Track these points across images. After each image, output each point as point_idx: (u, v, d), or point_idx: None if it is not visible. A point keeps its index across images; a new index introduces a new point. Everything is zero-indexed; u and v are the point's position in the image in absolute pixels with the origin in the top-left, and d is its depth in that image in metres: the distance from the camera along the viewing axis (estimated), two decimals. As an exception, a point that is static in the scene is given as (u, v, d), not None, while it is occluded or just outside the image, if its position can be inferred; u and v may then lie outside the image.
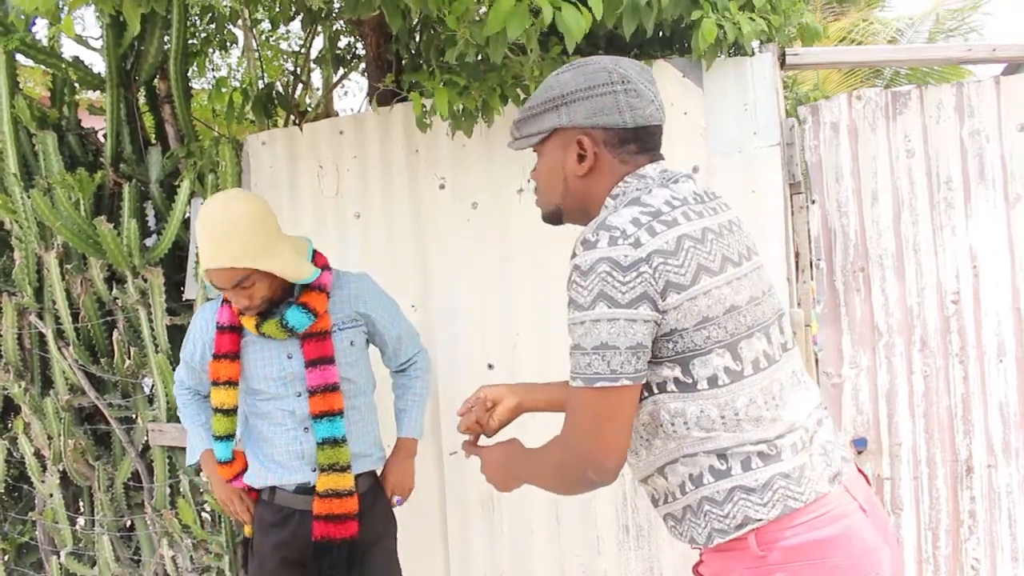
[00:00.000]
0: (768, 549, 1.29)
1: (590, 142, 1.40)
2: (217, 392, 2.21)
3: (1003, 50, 2.50)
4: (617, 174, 1.40)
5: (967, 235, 2.36)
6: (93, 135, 3.34)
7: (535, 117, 1.46)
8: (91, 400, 3.22)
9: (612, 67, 1.39)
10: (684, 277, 1.27)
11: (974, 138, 2.35)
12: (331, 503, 2.15)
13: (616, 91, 1.37)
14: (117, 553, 3.32)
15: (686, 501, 1.36)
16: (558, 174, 1.46)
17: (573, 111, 1.40)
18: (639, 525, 2.64)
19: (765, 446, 1.31)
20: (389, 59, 2.97)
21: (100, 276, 3.11)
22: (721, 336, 1.30)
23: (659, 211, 1.30)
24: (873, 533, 1.34)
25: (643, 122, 1.39)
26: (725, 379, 1.30)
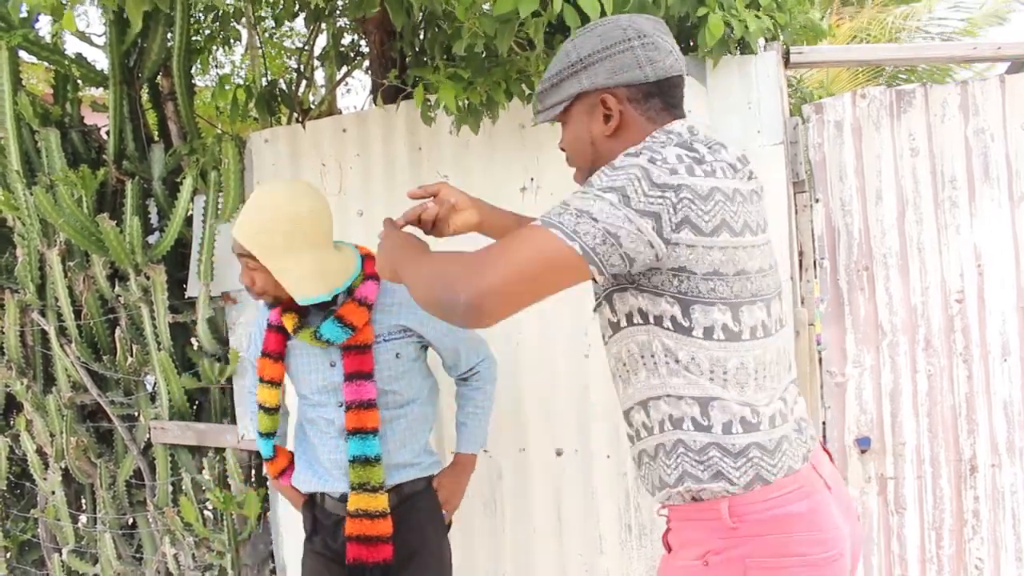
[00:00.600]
0: (740, 521, 1.31)
1: (615, 101, 1.39)
2: (262, 389, 2.20)
3: (1008, 48, 2.50)
4: (645, 132, 1.40)
5: (971, 234, 2.35)
6: (96, 132, 3.34)
7: (557, 86, 1.45)
8: (93, 397, 3.22)
9: (626, 24, 1.39)
10: (707, 224, 1.26)
11: (979, 136, 2.34)
12: (362, 524, 2.07)
13: (634, 46, 1.37)
14: (119, 551, 3.32)
15: (661, 439, 1.36)
16: (586, 138, 1.45)
17: (594, 73, 1.39)
18: (642, 524, 2.63)
19: (748, 411, 1.32)
20: (393, 56, 2.97)
21: (102, 273, 3.11)
22: (726, 294, 1.30)
23: (703, 157, 1.30)
24: (837, 510, 1.38)
25: (664, 74, 1.39)
26: (721, 335, 1.30)
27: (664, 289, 1.29)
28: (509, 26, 2.17)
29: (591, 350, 2.63)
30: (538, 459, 2.73)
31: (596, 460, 2.66)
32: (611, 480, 2.66)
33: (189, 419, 3.15)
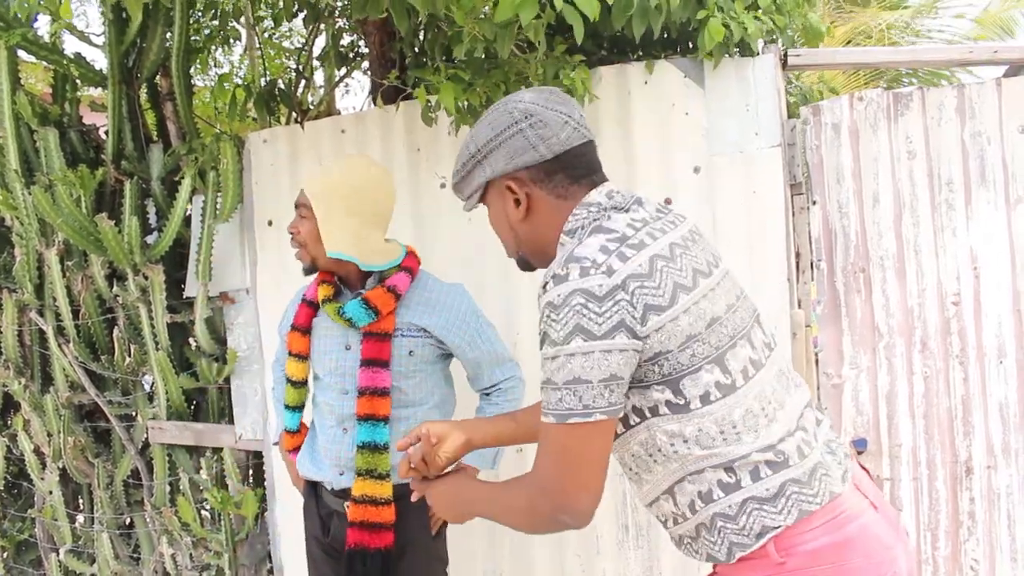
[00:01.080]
0: (788, 555, 1.27)
1: (518, 185, 1.39)
2: (290, 363, 2.26)
3: (1005, 52, 2.51)
4: (559, 209, 1.39)
5: (968, 237, 2.36)
6: (94, 132, 3.34)
7: (466, 178, 1.47)
8: (91, 397, 3.23)
9: (513, 106, 1.39)
10: (663, 298, 1.24)
11: (975, 140, 2.35)
12: (367, 510, 2.10)
13: (522, 128, 1.37)
14: (116, 551, 3.32)
15: (698, 520, 1.33)
16: (504, 224, 1.47)
17: (492, 161, 1.40)
18: (639, 524, 2.64)
19: (771, 453, 1.29)
20: (393, 57, 2.97)
21: (101, 273, 3.11)
22: (707, 351, 1.28)
23: (624, 235, 1.29)
24: (887, 529, 1.34)
25: (561, 148, 1.37)
26: (717, 394, 1.28)
27: (650, 380, 1.28)
28: (509, 30, 2.18)
29: (589, 351, 2.64)
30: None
31: (593, 461, 2.67)
32: (609, 479, 2.65)
33: (187, 419, 3.15)
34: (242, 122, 3.55)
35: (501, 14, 2.04)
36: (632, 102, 2.57)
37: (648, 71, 2.53)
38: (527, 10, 2.01)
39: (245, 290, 3.11)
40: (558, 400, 1.25)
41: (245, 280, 3.11)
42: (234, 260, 3.12)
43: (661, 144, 2.54)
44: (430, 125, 2.62)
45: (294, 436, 2.35)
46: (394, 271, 2.14)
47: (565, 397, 1.24)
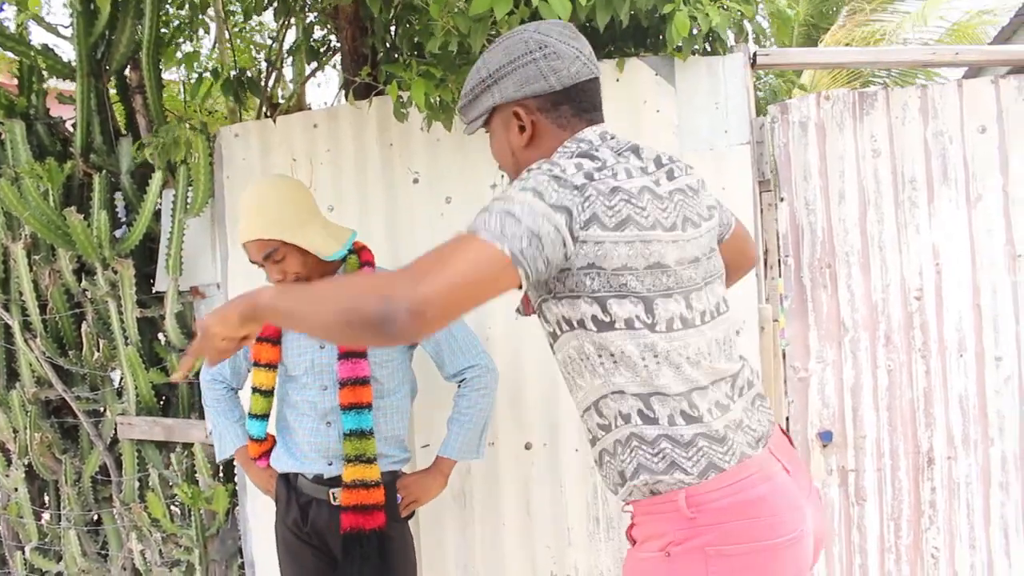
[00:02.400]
0: (698, 511, 1.33)
1: (525, 112, 1.44)
2: (258, 373, 2.29)
3: (965, 54, 2.57)
4: (558, 138, 1.44)
5: (930, 234, 2.42)
6: (61, 124, 3.30)
7: (473, 101, 1.51)
8: (58, 393, 3.19)
9: (529, 36, 1.43)
10: (611, 219, 1.29)
11: (937, 139, 2.41)
12: (359, 494, 2.17)
13: (536, 58, 1.41)
14: (84, 548, 3.29)
15: (616, 435, 1.39)
16: (507, 149, 1.51)
17: (503, 87, 1.44)
18: (609, 517, 2.67)
19: (686, 404, 1.35)
20: (365, 52, 2.97)
21: (69, 267, 3.08)
22: (637, 287, 1.32)
23: (604, 164, 1.34)
24: (796, 491, 1.41)
25: (570, 81, 1.42)
26: (638, 324, 1.33)
27: (579, 291, 1.32)
28: (483, 24, 2.19)
29: (561, 345, 2.67)
30: (507, 452, 2.76)
31: (564, 453, 2.70)
32: (579, 473, 2.69)
33: (156, 414, 3.13)
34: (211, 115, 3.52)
35: (476, 7, 2.05)
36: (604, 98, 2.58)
37: (620, 69, 2.56)
38: (502, 5, 2.03)
39: (216, 285, 3.09)
40: (483, 220, 1.23)
41: (216, 275, 3.09)
42: (205, 254, 3.11)
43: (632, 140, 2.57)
44: (402, 121, 2.63)
45: (261, 444, 2.38)
46: (356, 267, 2.23)
47: (491, 219, 1.22)
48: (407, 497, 2.30)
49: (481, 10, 2.04)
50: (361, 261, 2.25)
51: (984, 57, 2.73)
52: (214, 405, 2.45)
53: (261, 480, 2.41)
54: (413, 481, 2.32)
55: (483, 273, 1.19)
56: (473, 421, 2.31)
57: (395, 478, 2.30)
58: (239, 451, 2.42)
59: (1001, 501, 2.43)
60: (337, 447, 2.22)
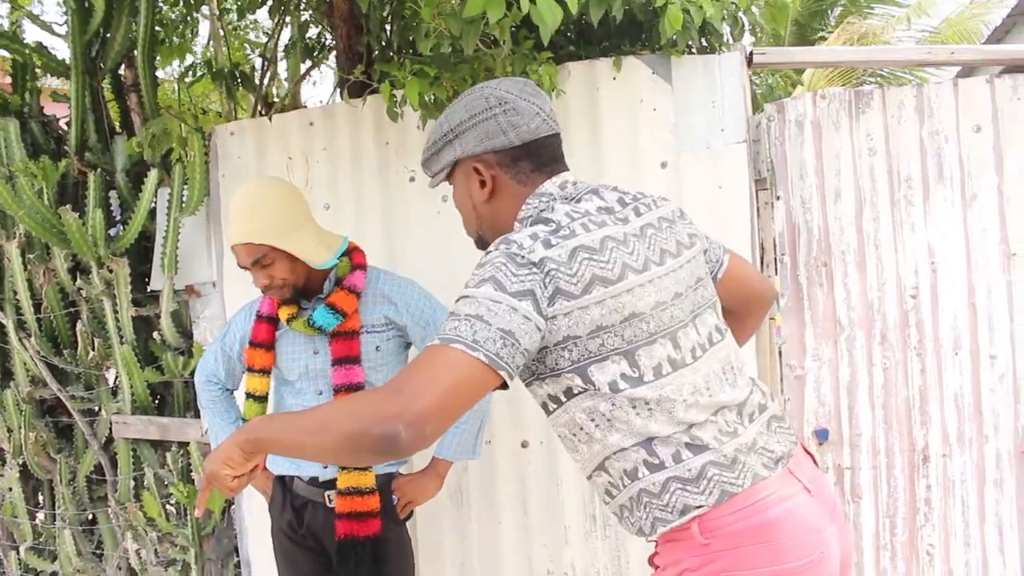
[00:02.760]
0: (712, 536, 1.31)
1: (484, 167, 1.45)
2: (251, 378, 2.27)
3: (961, 53, 2.58)
4: (519, 195, 1.45)
5: (926, 232, 2.43)
6: (56, 123, 3.29)
7: (436, 155, 1.52)
8: (53, 392, 3.18)
9: (490, 92, 1.45)
10: (575, 287, 1.28)
11: (933, 138, 2.42)
12: (353, 500, 2.15)
13: (496, 114, 1.43)
14: (79, 547, 3.29)
15: (627, 494, 1.38)
16: (468, 203, 1.52)
17: (464, 142, 1.46)
18: (606, 515, 2.68)
19: (688, 437, 1.33)
20: (360, 50, 2.97)
21: (64, 266, 3.07)
22: (617, 344, 1.31)
23: (559, 226, 1.33)
24: (818, 512, 1.37)
25: (530, 137, 1.43)
26: (623, 384, 1.31)
27: (560, 368, 1.32)
28: (474, 26, 2.19)
29: (557, 344, 2.67)
30: (504, 451, 2.76)
31: (561, 452, 2.70)
32: (576, 471, 2.70)
33: (151, 413, 3.12)
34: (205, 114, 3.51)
35: (469, 10, 2.05)
36: (600, 98, 2.60)
37: (616, 67, 2.57)
38: (494, 8, 2.03)
39: (211, 283, 3.09)
40: (453, 328, 1.24)
41: (211, 273, 3.09)
42: (200, 253, 3.10)
43: (629, 139, 2.58)
44: (395, 120, 2.63)
45: None
46: (347, 270, 2.19)
47: (461, 327, 1.23)
48: (403, 499, 2.29)
49: (474, 13, 2.04)
50: (353, 264, 2.21)
51: (979, 56, 2.74)
52: (210, 406, 2.43)
53: (258, 482, 2.39)
54: (408, 482, 2.31)
55: (468, 382, 1.23)
56: (469, 421, 2.29)
57: (391, 480, 2.29)
58: None
59: (996, 499, 2.44)
60: None
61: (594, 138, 2.61)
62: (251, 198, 2.07)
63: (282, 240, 2.04)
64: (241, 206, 2.07)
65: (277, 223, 2.05)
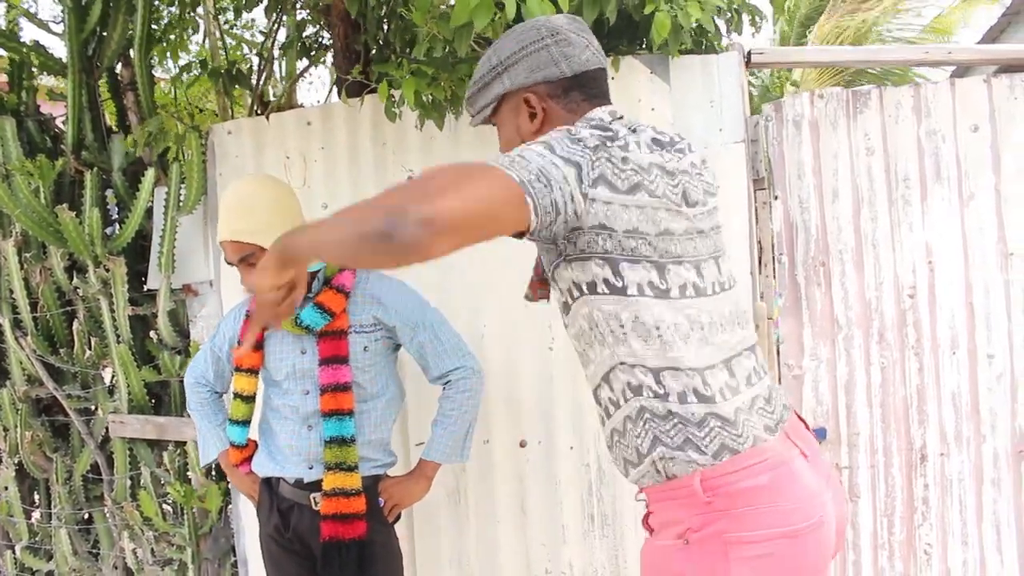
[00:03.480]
0: (714, 495, 1.31)
1: (536, 98, 1.45)
2: (239, 378, 2.26)
3: (959, 53, 2.59)
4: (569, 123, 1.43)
5: (923, 231, 2.44)
6: (52, 121, 3.28)
7: (482, 90, 1.51)
8: (49, 391, 3.17)
9: (541, 24, 1.45)
10: (622, 183, 1.28)
11: (931, 138, 2.43)
12: (338, 502, 2.13)
13: (548, 45, 1.43)
14: (75, 546, 3.28)
15: (627, 410, 1.37)
16: (516, 137, 1.49)
17: (513, 74, 1.45)
18: (604, 514, 2.68)
19: (699, 381, 1.32)
20: (357, 49, 2.96)
21: (60, 265, 3.06)
22: (649, 253, 1.31)
23: (615, 134, 1.33)
24: (815, 477, 1.38)
25: (581, 68, 1.44)
26: (649, 292, 1.31)
27: (590, 251, 1.30)
28: (466, 31, 2.19)
29: (555, 343, 2.67)
30: (502, 450, 2.76)
31: (559, 451, 2.70)
32: (574, 470, 2.70)
33: (148, 413, 3.11)
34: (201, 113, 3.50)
35: (456, 19, 2.05)
36: (599, 97, 2.59)
37: (614, 67, 2.56)
38: (481, 16, 2.03)
39: (208, 282, 3.08)
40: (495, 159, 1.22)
41: (209, 272, 3.08)
42: (197, 252, 3.09)
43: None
44: (393, 120, 2.63)
45: (241, 451, 2.34)
46: (336, 271, 2.18)
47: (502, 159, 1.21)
48: (389, 501, 2.28)
49: (460, 22, 2.04)
50: None
51: (976, 56, 2.74)
52: (198, 409, 2.41)
53: (244, 485, 2.38)
54: (395, 484, 2.29)
55: (494, 196, 1.16)
56: (457, 423, 2.27)
57: (378, 481, 2.27)
58: (222, 455, 2.39)
59: (993, 498, 2.44)
60: (318, 450, 2.18)
61: (592, 137, 2.60)
62: (243, 196, 2.06)
63: (268, 240, 2.00)
64: (232, 203, 2.05)
65: (268, 223, 2.02)
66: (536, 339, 2.69)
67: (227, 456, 2.38)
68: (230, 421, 2.31)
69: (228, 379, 2.41)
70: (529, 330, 2.69)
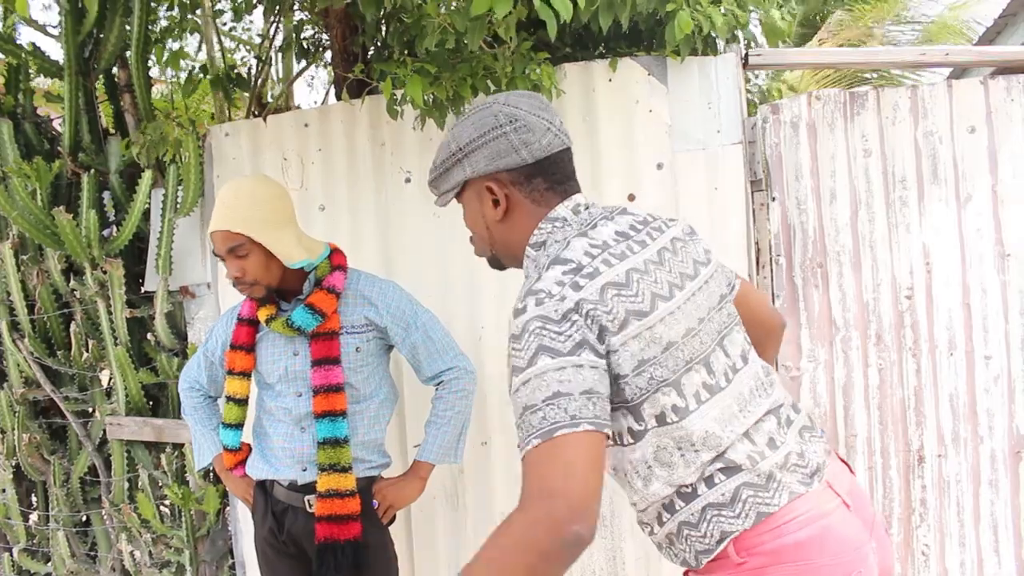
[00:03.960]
0: (748, 555, 1.30)
1: (498, 186, 1.41)
2: (231, 381, 2.26)
3: (956, 54, 2.59)
4: (533, 214, 1.41)
5: (921, 233, 2.44)
6: (49, 123, 3.28)
7: (444, 174, 1.48)
8: (47, 393, 3.16)
9: (499, 109, 1.40)
10: (613, 322, 1.25)
11: (928, 139, 2.43)
12: (333, 503, 2.13)
13: (506, 132, 1.39)
14: (72, 549, 3.27)
15: (667, 529, 1.37)
16: (480, 223, 1.48)
17: (474, 161, 1.41)
18: (601, 515, 2.68)
19: (721, 462, 1.32)
20: (355, 51, 2.96)
21: (57, 267, 3.06)
22: (664, 375, 1.29)
23: (580, 265, 1.29)
24: (857, 528, 1.35)
25: (542, 153, 1.39)
26: (673, 416, 1.30)
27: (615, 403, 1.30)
28: (480, 23, 2.19)
29: (553, 345, 2.67)
30: (500, 452, 2.76)
31: (558, 453, 2.70)
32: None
33: (146, 415, 3.11)
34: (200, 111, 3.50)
35: (476, 8, 2.05)
36: (597, 99, 2.60)
37: (613, 68, 2.57)
38: (501, 4, 2.03)
39: (206, 284, 3.08)
40: (541, 419, 1.18)
41: (206, 274, 3.08)
42: (195, 254, 3.09)
43: (625, 140, 2.58)
44: (395, 118, 2.62)
45: (235, 454, 2.34)
46: (327, 271, 2.17)
47: (548, 412, 1.18)
48: (383, 502, 2.27)
49: (482, 10, 2.04)
50: (333, 265, 2.19)
51: (973, 58, 2.75)
52: (192, 414, 2.41)
53: (239, 489, 2.37)
54: (389, 486, 2.29)
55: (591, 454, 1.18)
56: (451, 424, 2.27)
57: (372, 483, 2.27)
58: (217, 459, 2.38)
59: (991, 499, 2.45)
60: (311, 452, 2.18)
61: (590, 139, 2.61)
62: (236, 191, 2.07)
63: (259, 233, 2.03)
64: (226, 197, 2.07)
65: (258, 217, 2.04)
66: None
67: (222, 460, 2.37)
68: (223, 425, 2.31)
69: (222, 383, 2.40)
70: (527, 332, 2.69)
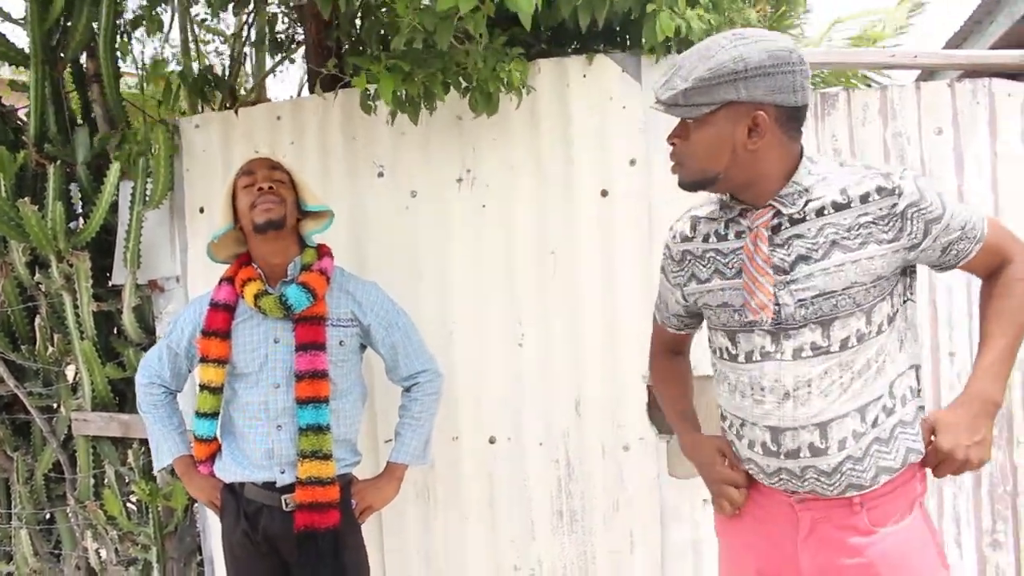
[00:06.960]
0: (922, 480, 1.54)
1: (766, 118, 1.42)
2: (206, 369, 2.19)
3: (924, 57, 2.63)
4: (787, 151, 1.46)
5: (888, 231, 2.47)
6: (14, 113, 3.22)
7: (708, 88, 1.41)
8: (10, 388, 3.11)
9: (790, 46, 1.42)
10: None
11: (896, 140, 2.47)
12: (313, 491, 2.09)
13: (795, 71, 1.41)
14: (36, 547, 3.22)
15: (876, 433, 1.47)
16: (725, 145, 1.45)
17: (752, 86, 1.39)
18: (573, 510, 2.69)
19: None
20: (330, 45, 2.94)
21: (22, 260, 3.00)
22: None
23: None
24: None
25: (804, 101, 1.45)
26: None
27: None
28: (448, 21, 2.19)
29: (524, 339, 2.68)
30: (471, 447, 2.76)
31: (528, 448, 2.71)
32: (543, 467, 2.70)
33: (113, 410, 3.06)
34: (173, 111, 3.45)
35: (442, 4, 2.05)
36: (570, 95, 2.60)
37: (587, 65, 2.57)
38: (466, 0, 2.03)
39: (175, 278, 3.04)
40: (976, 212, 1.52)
41: (175, 268, 3.04)
42: (164, 247, 3.05)
43: (598, 136, 2.59)
44: (369, 113, 2.61)
45: (207, 445, 2.27)
46: (314, 259, 2.21)
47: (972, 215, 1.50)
48: (362, 503, 2.26)
49: (447, 6, 2.04)
50: (320, 253, 2.24)
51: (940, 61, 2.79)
52: (151, 411, 2.33)
53: (203, 491, 2.28)
54: (368, 487, 2.28)
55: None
56: (425, 426, 2.29)
57: (347, 482, 2.25)
58: (178, 461, 2.31)
59: (953, 493, 2.49)
60: (290, 452, 2.14)
61: (564, 135, 2.61)
62: None
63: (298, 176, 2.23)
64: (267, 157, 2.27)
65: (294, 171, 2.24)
66: (506, 336, 2.69)
67: (184, 462, 2.31)
68: (196, 414, 2.24)
69: (185, 377, 2.36)
70: (498, 327, 2.69)
